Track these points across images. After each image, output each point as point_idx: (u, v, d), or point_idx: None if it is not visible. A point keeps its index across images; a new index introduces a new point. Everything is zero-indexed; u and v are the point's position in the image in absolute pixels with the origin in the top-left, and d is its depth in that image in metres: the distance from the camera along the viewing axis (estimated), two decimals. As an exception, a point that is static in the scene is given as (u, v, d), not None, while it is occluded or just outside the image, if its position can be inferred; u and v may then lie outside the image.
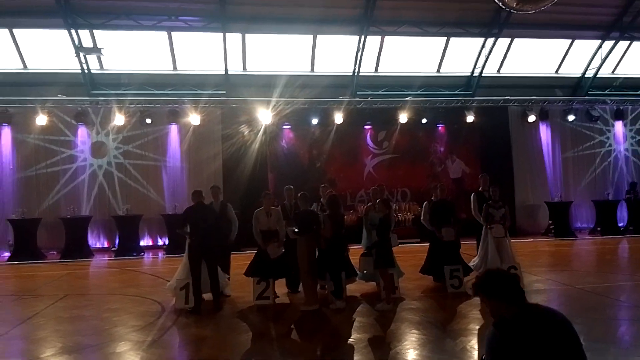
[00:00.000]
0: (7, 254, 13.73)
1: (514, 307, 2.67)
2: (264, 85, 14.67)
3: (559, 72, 16.86)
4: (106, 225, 14.71)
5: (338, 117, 15.02)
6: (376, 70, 15.79)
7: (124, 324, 7.16)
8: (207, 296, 8.01)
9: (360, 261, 8.27)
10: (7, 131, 14.43)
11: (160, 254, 14.10)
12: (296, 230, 7.94)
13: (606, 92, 17.14)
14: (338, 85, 15.44)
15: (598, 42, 15.99)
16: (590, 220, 16.76)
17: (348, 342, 6.25)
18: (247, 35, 14.33)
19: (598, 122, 17.01)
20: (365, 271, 8.41)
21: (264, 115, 14.62)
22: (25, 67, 14.41)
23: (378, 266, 7.85)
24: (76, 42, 13.27)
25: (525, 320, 2.61)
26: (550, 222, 15.86)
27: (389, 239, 7.98)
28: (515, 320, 2.61)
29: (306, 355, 5.85)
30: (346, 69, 15.33)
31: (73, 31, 13.15)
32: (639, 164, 17.40)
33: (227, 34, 13.93)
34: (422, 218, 9.42)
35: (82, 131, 14.75)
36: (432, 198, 9.36)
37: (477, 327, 6.74)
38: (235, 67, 14.93)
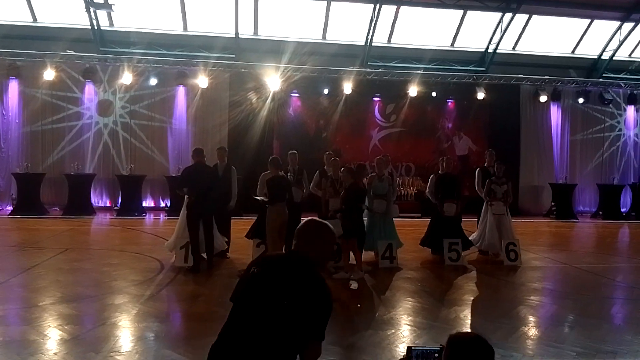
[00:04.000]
0: (9, 208, 13.84)
1: None
2: (274, 50, 14.44)
3: (575, 52, 16.51)
4: (109, 184, 14.75)
5: (347, 88, 14.83)
6: (389, 41, 15.51)
7: (123, 278, 7.25)
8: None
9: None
10: (14, 84, 14.34)
11: (162, 215, 14.18)
12: (265, 199, 7.67)
13: (621, 76, 16.81)
14: (349, 54, 15.20)
15: (617, 23, 15.62)
16: (594, 204, 16.65)
17: (342, 307, 6.31)
18: (259, -3, 14.10)
19: (610, 105, 16.76)
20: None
21: (273, 82, 14.46)
22: (35, 20, 14.23)
23: (344, 236, 7.51)
24: (86, -3, 13.09)
25: None
26: (552, 203, 15.79)
27: (357, 209, 7.81)
28: None
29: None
30: (358, 39, 15.07)
31: (83, -15, 12.96)
32: (648, 150, 17.21)
33: (239, -5, 13.69)
34: (427, 191, 9.41)
35: (89, 88, 14.65)
36: (439, 171, 9.32)
37: (472, 298, 6.79)
38: (246, 31, 14.73)
